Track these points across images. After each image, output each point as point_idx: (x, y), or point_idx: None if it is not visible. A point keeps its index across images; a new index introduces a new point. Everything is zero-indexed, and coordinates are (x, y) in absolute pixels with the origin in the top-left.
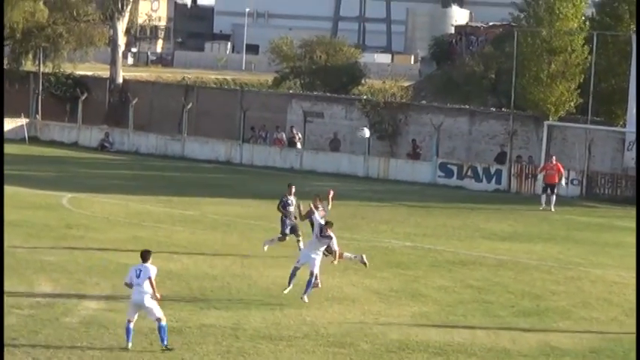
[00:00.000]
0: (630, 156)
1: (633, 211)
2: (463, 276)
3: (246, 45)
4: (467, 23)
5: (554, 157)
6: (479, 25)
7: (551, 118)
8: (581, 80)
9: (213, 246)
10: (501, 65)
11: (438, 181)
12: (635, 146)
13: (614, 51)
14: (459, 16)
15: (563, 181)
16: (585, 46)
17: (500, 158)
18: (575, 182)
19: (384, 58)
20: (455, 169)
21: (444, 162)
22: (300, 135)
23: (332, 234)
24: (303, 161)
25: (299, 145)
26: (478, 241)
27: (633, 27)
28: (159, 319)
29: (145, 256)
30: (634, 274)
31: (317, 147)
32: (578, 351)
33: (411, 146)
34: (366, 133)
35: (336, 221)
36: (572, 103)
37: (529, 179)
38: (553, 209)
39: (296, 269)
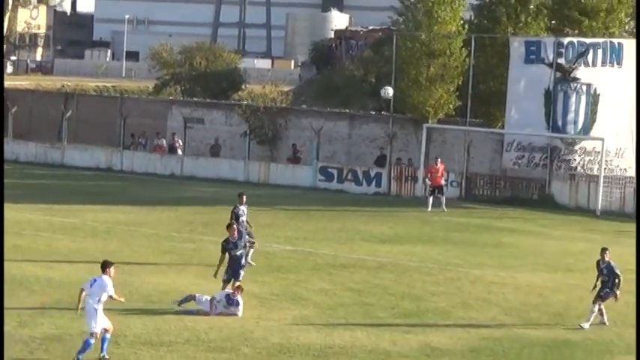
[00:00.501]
0: (509, 157)
1: (511, 212)
2: (343, 279)
3: (126, 52)
4: (346, 27)
5: (439, 160)
6: (358, 29)
7: (430, 121)
8: (460, 83)
9: (93, 253)
10: (381, 69)
11: (319, 185)
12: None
13: (492, 53)
14: (339, 20)
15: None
16: (464, 49)
17: (380, 161)
18: (454, 184)
19: (264, 64)
20: (335, 172)
21: (325, 166)
22: (180, 141)
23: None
24: (183, 167)
25: (180, 152)
26: (358, 243)
27: (511, 29)
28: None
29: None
30: (512, 274)
31: (197, 153)
32: (458, 351)
33: (292, 150)
34: (390, 91)
35: (217, 226)
36: (451, 106)
37: (409, 182)
38: (445, 209)
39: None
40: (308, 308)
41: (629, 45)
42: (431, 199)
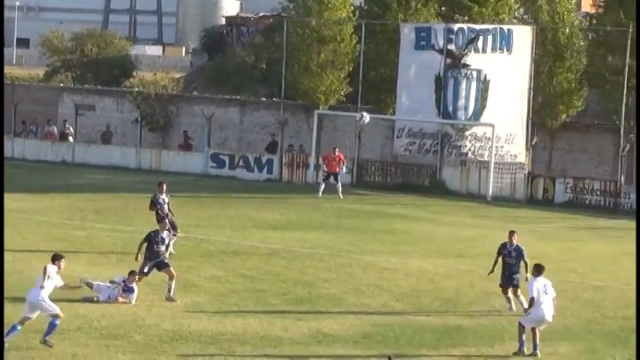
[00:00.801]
0: (399, 143)
1: (402, 198)
2: (235, 265)
3: (17, 39)
4: (237, 14)
5: (337, 149)
6: (249, 15)
7: (321, 107)
8: (351, 69)
9: None
10: (272, 55)
11: (210, 172)
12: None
13: (382, 40)
14: (230, 6)
15: (345, 169)
16: (354, 36)
17: (272, 148)
18: (345, 170)
19: (155, 50)
20: (227, 159)
21: (216, 153)
22: (71, 128)
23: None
24: (75, 154)
25: (71, 139)
26: (250, 230)
27: (401, 15)
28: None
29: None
30: (404, 260)
31: (89, 140)
32: (350, 337)
33: (183, 137)
34: (367, 118)
35: (110, 214)
36: (342, 92)
37: (300, 168)
38: (342, 196)
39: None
40: (200, 295)
41: (518, 31)
42: (323, 186)
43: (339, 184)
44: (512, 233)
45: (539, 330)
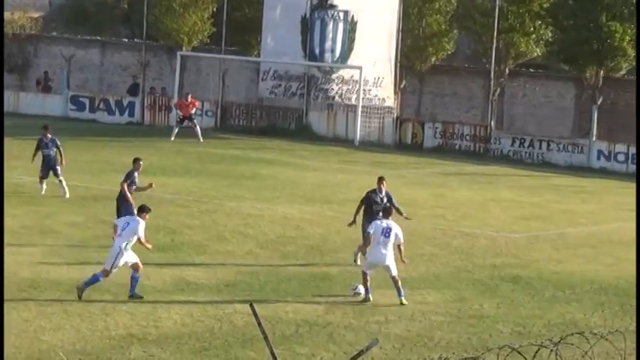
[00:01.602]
0: (265, 86)
1: (268, 143)
2: (96, 211)
3: None
4: None
5: (189, 95)
6: None
7: (184, 49)
8: (214, 9)
9: None
10: None
11: (70, 115)
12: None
13: None
14: None
15: (194, 111)
16: None
17: (133, 90)
18: (209, 114)
19: None
20: (87, 101)
21: (76, 95)
22: None
23: None
24: None
25: None
26: (111, 175)
27: None
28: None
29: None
30: (269, 206)
31: None
32: (214, 285)
33: (42, 79)
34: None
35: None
36: (205, 33)
37: (162, 111)
38: (201, 140)
39: None
40: (59, 241)
41: None
42: (176, 130)
43: (197, 128)
44: (381, 180)
45: (392, 277)
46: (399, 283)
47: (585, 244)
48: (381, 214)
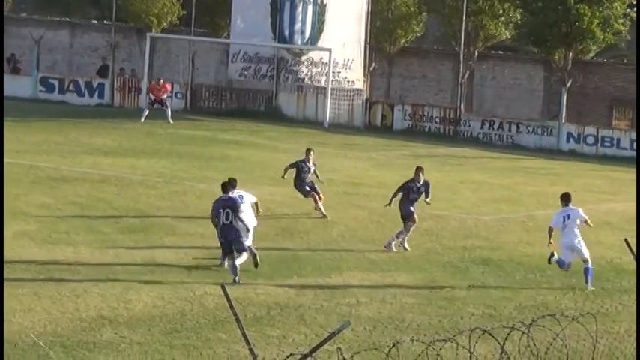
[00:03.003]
0: (234, 68)
1: (237, 124)
2: (66, 193)
3: None
4: None
5: (161, 80)
6: None
7: (154, 30)
8: None
9: None
10: None
11: (40, 96)
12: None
13: None
14: None
15: (165, 96)
16: None
17: (103, 72)
18: (179, 95)
19: None
20: (56, 83)
21: (45, 76)
22: None
23: None
24: None
25: None
26: (81, 157)
27: None
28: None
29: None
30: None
31: None
32: (184, 266)
33: (11, 60)
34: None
35: None
36: (175, 15)
37: (132, 93)
38: (171, 122)
39: None
40: (29, 223)
41: None
42: (147, 112)
43: (169, 109)
44: (419, 169)
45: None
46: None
47: None
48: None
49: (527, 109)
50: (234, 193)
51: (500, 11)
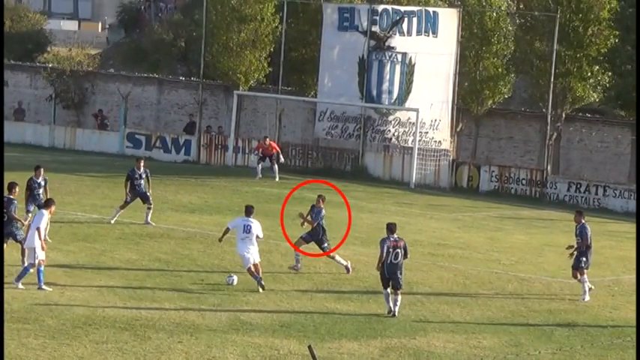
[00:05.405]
0: (321, 127)
1: (324, 184)
2: (151, 249)
3: None
4: None
5: (267, 139)
6: None
7: (241, 88)
8: (272, 49)
9: None
10: (191, 33)
11: (126, 152)
12: (325, 118)
13: (304, 20)
14: None
15: (282, 158)
16: (276, 15)
17: (190, 128)
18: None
19: (70, 25)
20: (143, 139)
21: (132, 132)
22: None
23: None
24: None
25: None
26: (167, 213)
27: None
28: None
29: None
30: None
31: None
32: (268, 325)
33: (98, 116)
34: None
35: (22, 192)
36: (262, 73)
37: (219, 150)
38: (278, 179)
39: None
40: (114, 279)
41: (444, 14)
42: (260, 167)
43: (276, 166)
44: (580, 213)
45: None
46: None
47: None
48: None
49: (615, 172)
50: None
51: (589, 74)
